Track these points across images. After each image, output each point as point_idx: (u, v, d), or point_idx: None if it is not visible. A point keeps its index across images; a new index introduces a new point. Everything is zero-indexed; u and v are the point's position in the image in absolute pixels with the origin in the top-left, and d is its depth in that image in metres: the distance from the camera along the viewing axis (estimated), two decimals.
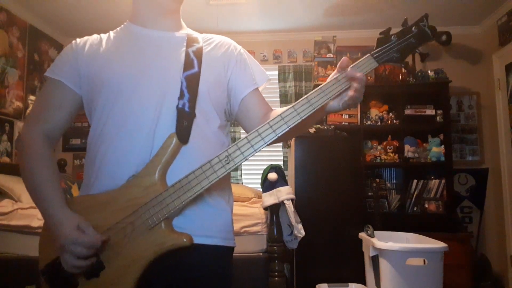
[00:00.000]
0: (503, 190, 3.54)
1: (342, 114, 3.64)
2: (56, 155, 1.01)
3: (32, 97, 3.69)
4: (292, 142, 3.09)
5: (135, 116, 0.95)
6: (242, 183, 3.93)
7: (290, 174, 3.32)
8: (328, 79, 0.91)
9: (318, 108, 0.88)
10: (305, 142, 3.03)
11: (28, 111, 3.64)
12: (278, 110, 1.03)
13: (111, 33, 1.10)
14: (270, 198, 2.49)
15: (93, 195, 0.95)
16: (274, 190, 2.51)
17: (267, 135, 0.87)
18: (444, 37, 3.64)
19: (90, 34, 1.12)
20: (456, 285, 3.01)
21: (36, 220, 2.47)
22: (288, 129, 0.87)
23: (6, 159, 3.36)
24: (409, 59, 3.72)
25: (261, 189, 2.67)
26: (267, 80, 1.15)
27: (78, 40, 1.08)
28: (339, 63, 0.92)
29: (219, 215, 1.00)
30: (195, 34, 1.12)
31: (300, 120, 0.87)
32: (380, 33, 0.95)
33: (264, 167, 2.76)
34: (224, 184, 1.05)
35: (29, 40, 3.65)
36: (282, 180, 2.58)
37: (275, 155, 4.02)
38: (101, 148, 0.97)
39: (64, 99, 1.05)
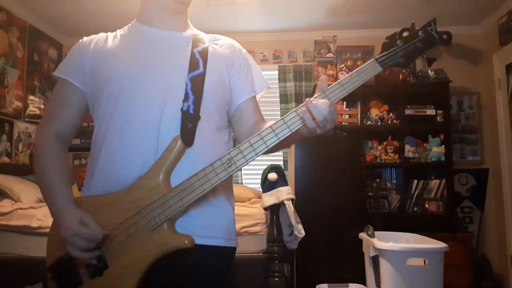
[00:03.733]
0: (504, 190, 3.53)
1: (342, 114, 3.64)
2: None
3: (31, 97, 3.69)
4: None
5: (139, 116, 0.96)
6: (242, 183, 3.92)
7: (290, 174, 3.31)
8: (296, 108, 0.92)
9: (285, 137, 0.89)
10: (305, 142, 3.02)
11: (28, 111, 3.64)
12: (266, 123, 1.04)
13: (118, 32, 1.12)
14: (270, 198, 2.49)
15: (98, 196, 0.96)
16: (274, 190, 2.51)
17: (269, 139, 0.89)
18: (444, 37, 3.65)
19: (90, 34, 1.12)
20: (457, 285, 3.00)
21: (35, 220, 2.47)
22: (290, 133, 0.89)
23: (5, 159, 3.36)
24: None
25: (261, 189, 2.67)
26: (266, 87, 1.17)
27: (85, 38, 1.10)
28: (317, 85, 0.92)
29: (223, 216, 1.02)
30: (201, 34, 1.13)
31: (281, 138, 0.89)
32: (386, 38, 0.95)
33: (264, 167, 2.76)
34: (227, 185, 1.06)
35: (29, 40, 3.65)
36: (282, 180, 2.58)
37: (275, 155, 4.01)
38: (105, 147, 0.98)
39: (71, 98, 1.07)
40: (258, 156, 0.89)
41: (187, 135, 0.95)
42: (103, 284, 0.91)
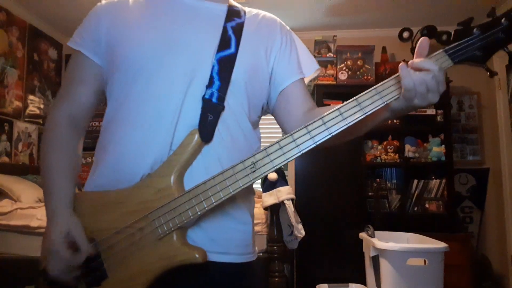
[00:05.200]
0: (504, 190, 3.53)
1: None
2: (82, 146, 0.93)
3: (31, 97, 3.68)
4: None
5: (157, 101, 0.82)
6: None
7: (290, 174, 3.31)
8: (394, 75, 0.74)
9: (370, 113, 0.72)
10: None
11: (27, 110, 3.64)
12: (323, 108, 0.87)
13: None
14: (270, 198, 2.49)
15: (102, 192, 0.84)
16: (274, 190, 2.51)
17: (303, 142, 0.73)
18: (444, 37, 3.64)
19: None
20: (457, 285, 3.00)
21: (35, 220, 2.47)
22: (330, 136, 0.73)
23: (5, 159, 3.35)
24: (409, 58, 3.66)
25: (261, 189, 2.67)
26: (316, 69, 0.99)
27: (103, 1, 0.96)
28: (417, 47, 0.73)
29: (240, 229, 0.88)
30: (239, 7, 0.96)
31: (346, 126, 0.72)
32: (459, 24, 0.75)
33: None
34: (249, 193, 0.93)
35: (29, 40, 3.65)
36: (282, 180, 2.58)
37: None
38: (115, 134, 0.85)
39: (87, 73, 0.92)
40: (289, 161, 0.73)
41: (206, 128, 0.81)
42: None
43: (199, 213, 0.76)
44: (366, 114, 0.72)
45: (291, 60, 0.95)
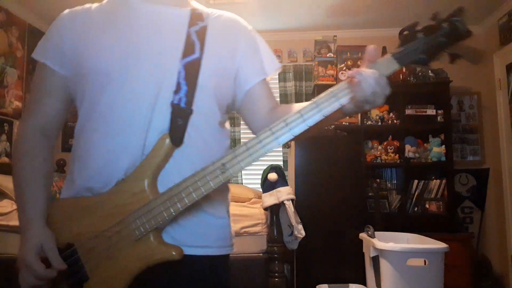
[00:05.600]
0: (504, 190, 3.53)
1: None
2: (54, 155, 0.96)
3: None
4: (292, 142, 3.08)
5: (126, 109, 0.84)
6: (242, 183, 3.92)
7: (290, 174, 3.31)
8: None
9: (327, 115, 0.78)
10: (305, 142, 3.02)
11: None
12: (285, 107, 0.93)
13: (104, 3, 0.95)
14: (270, 199, 2.49)
15: (78, 198, 0.87)
16: (274, 190, 2.51)
17: (268, 142, 0.78)
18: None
19: None
20: (457, 285, 3.00)
21: None
22: (293, 137, 0.78)
23: (5, 159, 3.35)
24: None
25: (261, 190, 2.67)
26: (277, 68, 1.01)
27: (66, 12, 0.96)
28: (365, 55, 0.80)
29: (217, 223, 0.92)
30: (201, 9, 0.97)
31: (306, 127, 0.77)
32: (404, 29, 0.80)
33: (264, 167, 2.76)
34: (224, 189, 0.96)
35: (29, 40, 3.64)
36: (282, 181, 2.58)
37: (275, 155, 4.01)
38: (87, 143, 0.87)
39: (52, 84, 0.93)
40: (256, 161, 0.79)
41: (177, 132, 0.83)
42: None
43: (174, 214, 0.79)
44: (324, 116, 0.78)
45: (255, 60, 0.97)
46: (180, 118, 0.84)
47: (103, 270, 0.82)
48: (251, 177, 3.98)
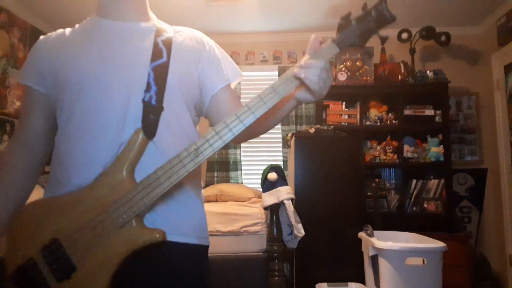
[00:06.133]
0: (502, 190, 3.55)
1: (341, 114, 3.66)
2: (39, 170, 1.06)
3: None
4: (292, 142, 3.10)
5: (101, 113, 0.91)
6: (242, 183, 3.94)
7: (290, 174, 3.33)
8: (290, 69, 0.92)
9: (284, 96, 0.89)
10: (304, 142, 3.04)
11: None
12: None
13: (77, 26, 1.06)
14: (270, 198, 2.50)
15: (60, 196, 0.92)
16: (274, 190, 2.52)
17: (234, 126, 0.86)
18: (443, 38, 3.66)
19: None
20: (455, 285, 3.01)
21: None
22: (255, 119, 0.87)
23: None
24: (408, 59, 3.73)
25: (261, 189, 2.68)
26: (239, 76, 1.10)
27: (41, 37, 1.05)
28: (309, 45, 0.93)
29: (192, 212, 0.98)
30: (164, 25, 1.07)
31: (267, 109, 0.87)
32: (341, 18, 0.94)
33: (264, 167, 2.78)
34: (195, 178, 1.02)
35: (30, 40, 3.66)
36: (282, 180, 2.59)
37: (275, 155, 4.03)
38: (67, 147, 0.94)
39: (33, 103, 1.03)
40: (225, 143, 0.86)
41: (149, 127, 0.90)
42: (72, 286, 0.86)
43: (154, 199, 0.85)
44: (268, 108, 0.88)
45: (219, 69, 1.06)
46: (151, 113, 0.92)
47: (90, 259, 0.86)
48: (251, 177, 4.00)
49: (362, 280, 2.69)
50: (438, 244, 2.32)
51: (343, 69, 3.65)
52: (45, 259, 0.87)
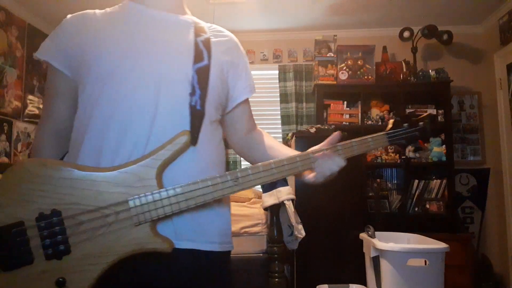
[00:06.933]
0: (505, 190, 3.52)
1: (342, 114, 3.63)
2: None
3: (30, 97, 3.67)
4: (292, 142, 3.07)
5: (130, 100, 0.86)
6: None
7: None
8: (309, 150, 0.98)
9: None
10: (305, 142, 3.01)
11: (27, 110, 3.63)
12: (257, 134, 1.11)
13: (108, 10, 0.99)
14: (270, 199, 2.48)
15: (80, 166, 0.83)
16: (274, 190, 2.50)
17: (279, 171, 0.91)
18: (445, 36, 3.63)
19: None
20: (457, 285, 2.99)
21: None
22: (279, 177, 0.92)
23: (4, 159, 3.35)
24: (409, 58, 3.71)
25: (261, 190, 2.66)
26: (254, 92, 1.11)
27: (69, 16, 0.98)
28: (329, 139, 1.00)
29: (217, 218, 0.94)
30: (201, 22, 1.04)
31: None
32: (397, 117, 1.09)
33: None
34: None
35: (28, 39, 3.64)
36: (282, 180, 2.56)
37: None
38: (89, 132, 0.88)
39: (59, 85, 0.97)
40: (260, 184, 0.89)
41: (193, 133, 0.88)
42: (58, 268, 0.78)
43: (181, 209, 0.82)
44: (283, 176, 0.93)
45: (247, 78, 1.07)
46: (196, 119, 0.89)
47: (89, 246, 0.79)
48: None
49: (363, 282, 2.66)
50: (440, 245, 2.30)
51: (344, 68, 3.63)
52: (39, 230, 0.78)
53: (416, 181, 3.55)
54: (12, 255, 0.77)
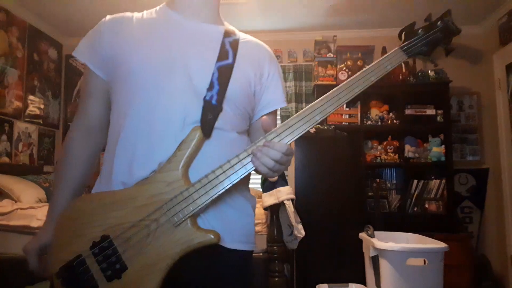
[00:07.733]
0: (504, 190, 3.53)
1: (342, 114, 3.64)
2: (99, 155, 1.05)
3: (31, 97, 3.68)
4: (292, 142, 3.08)
5: (164, 112, 0.89)
6: None
7: (290, 174, 3.31)
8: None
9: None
10: (305, 142, 3.02)
11: (27, 111, 3.64)
12: None
13: (145, 14, 1.02)
14: (270, 198, 2.49)
15: (112, 192, 0.89)
16: (274, 190, 2.51)
17: (286, 135, 0.92)
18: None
19: None
20: (457, 285, 3.00)
21: (35, 220, 2.47)
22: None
23: (5, 159, 3.36)
24: (409, 58, 3.71)
25: (261, 189, 2.67)
26: (284, 104, 1.10)
27: (108, 17, 1.00)
28: (263, 128, 0.90)
29: (243, 219, 0.99)
30: (233, 28, 1.07)
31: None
32: (402, 29, 0.98)
33: None
34: (246, 181, 1.03)
35: (29, 40, 3.65)
36: (282, 180, 2.58)
37: None
38: (123, 141, 0.91)
39: (93, 86, 1.00)
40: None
41: (207, 126, 0.89)
42: (122, 287, 0.84)
43: (212, 198, 0.84)
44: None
45: (277, 89, 1.05)
46: (210, 112, 0.90)
47: (143, 258, 0.84)
48: (251, 177, 3.98)
49: (362, 281, 2.67)
50: (439, 244, 2.31)
51: (344, 68, 3.64)
52: (95, 256, 0.85)
53: (415, 181, 3.56)
54: (79, 286, 0.85)
